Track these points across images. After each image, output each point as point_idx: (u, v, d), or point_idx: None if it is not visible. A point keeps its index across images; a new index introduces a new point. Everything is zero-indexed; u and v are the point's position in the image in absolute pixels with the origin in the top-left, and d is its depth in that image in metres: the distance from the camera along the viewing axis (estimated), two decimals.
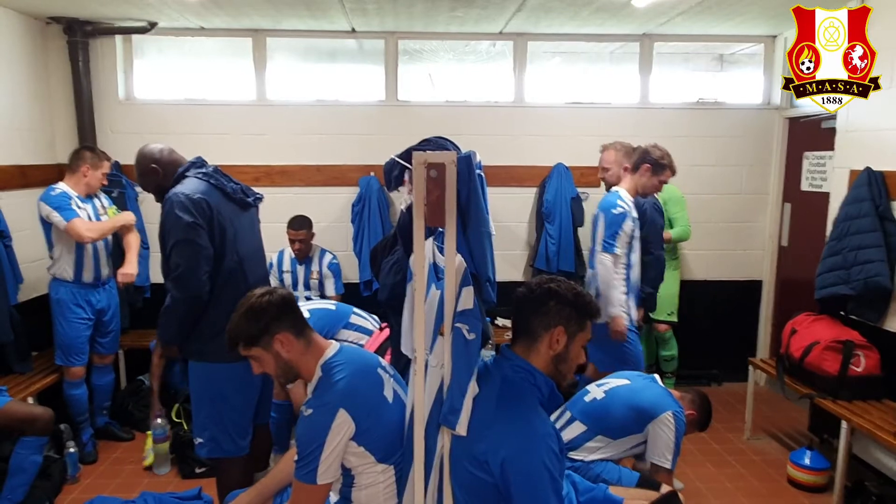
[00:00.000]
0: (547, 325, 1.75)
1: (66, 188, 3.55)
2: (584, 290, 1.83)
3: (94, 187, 3.64)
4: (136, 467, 3.63)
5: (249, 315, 1.91)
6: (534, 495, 1.63)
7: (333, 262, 4.38)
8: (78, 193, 3.58)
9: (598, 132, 4.63)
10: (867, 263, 3.29)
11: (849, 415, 3.13)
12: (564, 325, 1.75)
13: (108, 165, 3.66)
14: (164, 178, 2.63)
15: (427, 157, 1.60)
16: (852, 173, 3.59)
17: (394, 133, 4.46)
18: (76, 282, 3.58)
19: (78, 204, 3.55)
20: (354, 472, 1.88)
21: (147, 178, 2.68)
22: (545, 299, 1.76)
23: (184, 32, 4.51)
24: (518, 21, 4.22)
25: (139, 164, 2.69)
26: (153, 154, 2.67)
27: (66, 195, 3.50)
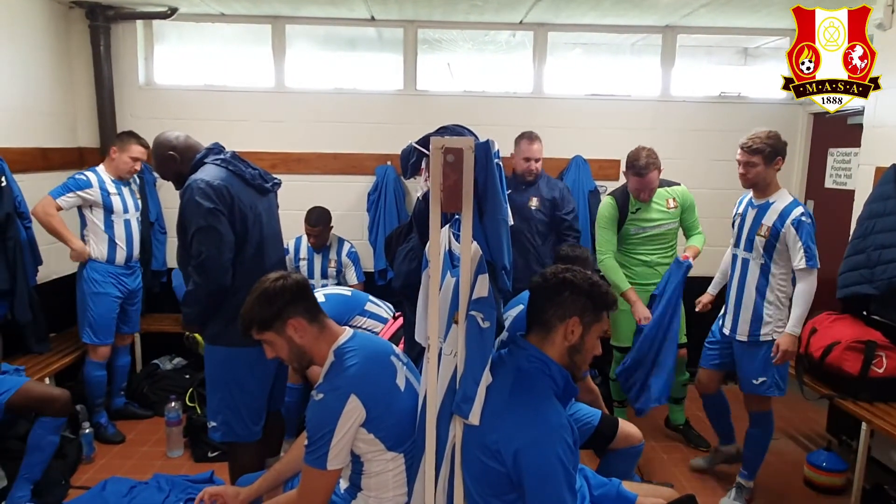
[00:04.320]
0: (562, 316, 1.73)
1: (99, 172, 3.66)
2: (600, 280, 1.80)
3: (123, 170, 3.68)
4: (151, 449, 3.67)
5: (263, 299, 1.90)
6: (546, 487, 1.61)
7: (352, 250, 4.39)
8: (112, 176, 3.68)
9: (617, 125, 4.59)
10: (891, 263, 3.22)
11: (869, 416, 3.06)
12: (580, 315, 1.73)
13: (138, 150, 3.69)
14: (181, 165, 2.64)
15: (445, 143, 1.58)
16: (878, 170, 3.51)
17: (411, 122, 4.44)
18: (109, 262, 3.66)
19: (110, 190, 3.65)
20: (364, 458, 1.87)
21: (165, 166, 2.69)
22: (560, 289, 1.73)
23: (204, 18, 4.52)
24: (538, 11, 4.17)
25: (156, 152, 2.70)
26: (170, 141, 2.67)
27: (84, 182, 3.57)
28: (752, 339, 3.06)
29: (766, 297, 3.01)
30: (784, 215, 2.93)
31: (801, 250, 2.90)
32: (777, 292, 3.01)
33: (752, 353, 3.08)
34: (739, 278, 3.10)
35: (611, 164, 4.64)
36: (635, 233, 3.65)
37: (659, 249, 3.68)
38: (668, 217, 3.64)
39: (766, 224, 2.97)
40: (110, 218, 3.63)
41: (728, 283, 3.25)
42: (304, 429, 1.88)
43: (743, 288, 3.08)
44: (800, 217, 2.90)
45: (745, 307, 3.07)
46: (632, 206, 3.62)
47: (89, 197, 3.57)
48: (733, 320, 3.14)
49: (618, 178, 4.66)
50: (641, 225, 3.63)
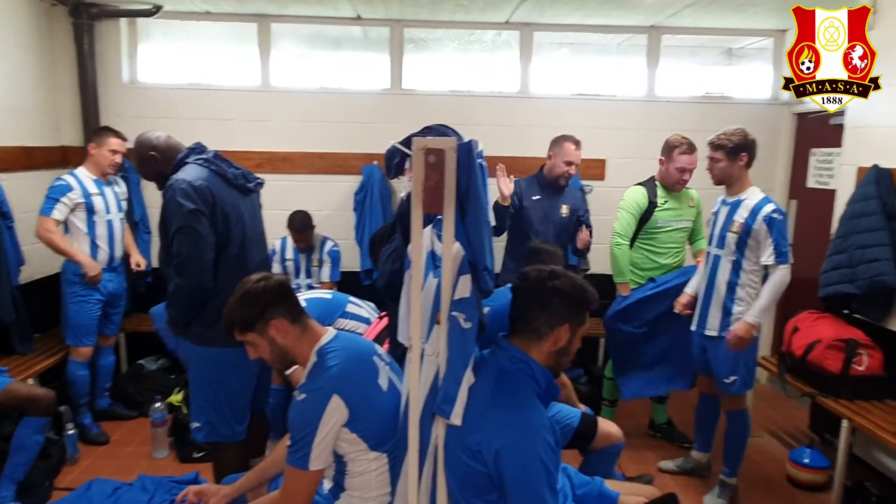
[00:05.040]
0: (553, 325, 1.74)
1: (80, 174, 3.62)
2: (582, 281, 1.81)
3: (104, 165, 3.64)
4: (136, 450, 3.65)
5: (245, 300, 1.90)
6: (528, 488, 1.62)
7: (334, 248, 4.38)
8: (95, 176, 3.64)
9: (603, 124, 4.61)
10: (873, 262, 3.26)
11: (850, 414, 3.10)
12: (570, 321, 1.74)
13: (115, 142, 3.65)
14: (163, 165, 2.63)
15: (427, 143, 1.58)
16: (860, 171, 3.55)
17: (397, 122, 4.44)
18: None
19: (91, 191, 3.59)
20: (347, 458, 1.88)
21: (146, 166, 2.69)
22: (549, 297, 1.74)
23: (189, 16, 4.49)
24: (524, 11, 4.19)
25: (138, 152, 2.69)
26: (151, 141, 2.66)
27: (65, 187, 3.52)
28: (721, 333, 3.08)
29: (737, 294, 3.03)
30: (755, 211, 2.96)
31: (771, 246, 2.92)
32: (748, 288, 3.03)
33: (722, 349, 3.09)
34: (710, 274, 3.13)
35: (597, 164, 4.66)
36: (662, 225, 3.65)
37: (673, 249, 3.70)
38: (690, 215, 3.70)
39: (738, 220, 3.00)
40: (92, 219, 3.60)
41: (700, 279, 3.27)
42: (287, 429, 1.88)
43: (713, 284, 3.10)
44: (771, 214, 2.92)
45: (714, 303, 3.10)
46: (660, 199, 3.63)
47: (74, 200, 3.54)
48: (701, 315, 3.17)
49: (603, 178, 4.69)
50: (668, 218, 3.64)
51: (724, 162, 3.02)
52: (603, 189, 4.65)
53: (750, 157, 3.03)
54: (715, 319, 3.11)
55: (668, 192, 3.67)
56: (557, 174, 3.75)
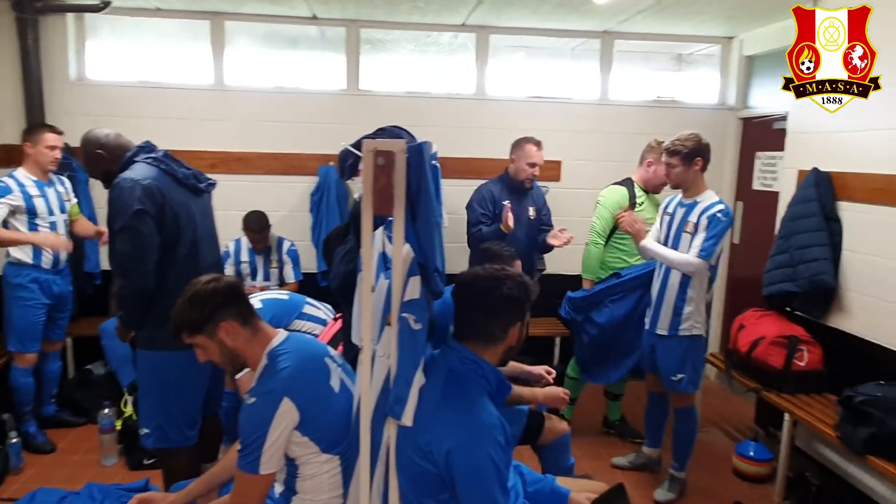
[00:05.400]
0: (505, 329, 1.78)
1: (20, 175, 3.50)
2: (525, 278, 1.85)
3: (44, 163, 3.53)
4: (83, 458, 3.55)
5: (194, 302, 1.87)
6: (478, 487, 1.64)
7: (292, 248, 4.36)
8: (35, 177, 3.52)
9: (557, 127, 4.68)
10: (812, 262, 3.39)
11: (792, 408, 3.23)
12: (520, 319, 1.80)
13: (53, 138, 3.54)
14: (110, 164, 2.56)
15: (376, 145, 1.59)
16: (800, 173, 3.69)
17: (354, 122, 4.37)
18: (35, 266, 3.49)
19: (32, 192, 3.47)
20: (298, 461, 1.87)
21: (93, 164, 2.62)
22: (499, 306, 1.77)
23: (139, 12, 4.39)
24: (480, 13, 4.22)
25: (84, 150, 2.62)
26: (98, 139, 2.60)
27: (3, 189, 3.40)
28: (671, 332, 3.16)
29: (687, 294, 3.11)
30: (705, 212, 3.05)
31: (700, 239, 3.01)
32: (698, 288, 3.11)
33: (670, 348, 3.18)
34: (663, 274, 3.21)
35: (553, 166, 4.72)
36: None
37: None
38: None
39: (692, 221, 3.09)
40: (34, 221, 3.47)
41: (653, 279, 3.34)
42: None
43: (666, 283, 3.18)
44: (716, 213, 3.01)
45: (666, 302, 3.17)
46: (638, 199, 3.69)
47: (14, 203, 3.41)
48: (654, 314, 3.25)
49: (559, 179, 4.76)
50: (644, 220, 3.64)
51: (680, 167, 3.10)
52: (559, 190, 4.72)
53: (704, 161, 3.11)
54: (666, 319, 3.18)
55: (645, 195, 3.75)
56: (522, 178, 3.78)
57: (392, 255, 1.71)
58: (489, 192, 3.80)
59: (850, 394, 2.87)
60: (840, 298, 3.42)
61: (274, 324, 3.21)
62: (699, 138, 3.10)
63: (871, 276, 3.24)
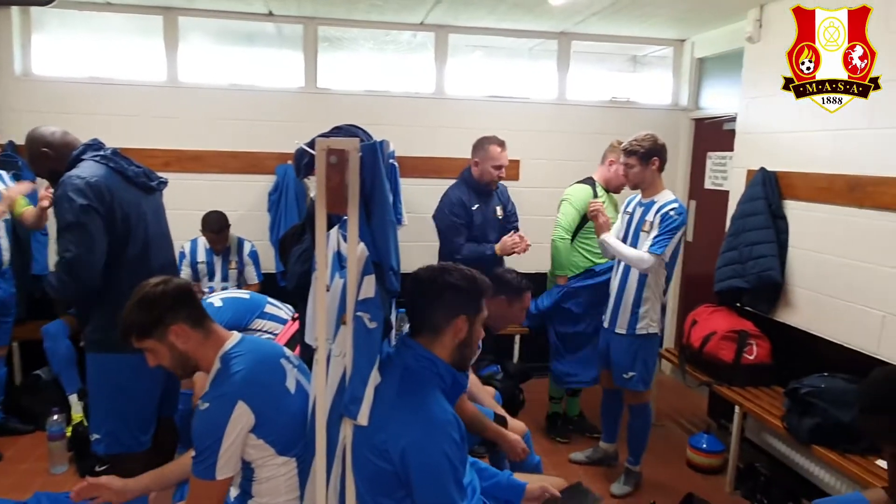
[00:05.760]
0: (448, 318, 1.76)
1: None
2: (473, 272, 1.85)
3: None
4: (32, 466, 3.43)
5: (142, 305, 1.83)
6: (434, 484, 1.64)
7: (253, 249, 4.31)
8: None
9: (515, 126, 4.72)
10: (760, 258, 3.50)
11: (742, 400, 3.33)
12: (465, 312, 1.77)
13: None
14: (56, 163, 2.49)
15: (329, 143, 1.58)
16: (749, 173, 3.81)
17: (313, 120, 4.34)
18: None
19: None
20: (254, 465, 1.84)
21: (38, 163, 2.54)
22: (441, 292, 1.77)
23: (88, 6, 4.26)
24: (438, 13, 4.23)
25: (29, 148, 2.54)
26: (44, 137, 2.52)
27: None
28: (629, 332, 3.22)
29: (644, 293, 3.17)
30: (660, 210, 3.12)
31: (652, 236, 3.07)
32: (654, 287, 3.18)
33: (625, 346, 3.24)
34: (622, 273, 3.27)
35: (511, 165, 4.71)
36: None
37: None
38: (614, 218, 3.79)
39: (649, 220, 3.15)
40: None
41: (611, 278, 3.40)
42: None
43: (625, 282, 3.24)
44: (668, 211, 3.07)
45: (625, 301, 3.23)
46: (599, 199, 3.69)
47: None
48: (612, 313, 3.30)
49: (518, 178, 4.80)
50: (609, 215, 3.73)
51: (638, 167, 3.15)
52: (517, 189, 4.73)
53: (661, 160, 3.17)
54: (624, 318, 3.23)
55: (606, 194, 3.80)
56: (487, 180, 3.66)
57: (347, 254, 1.70)
58: (458, 197, 3.65)
59: (795, 385, 2.97)
60: (786, 294, 3.54)
61: (234, 322, 3.19)
62: (655, 139, 3.16)
63: (815, 271, 3.37)
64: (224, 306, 3.20)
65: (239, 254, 4.25)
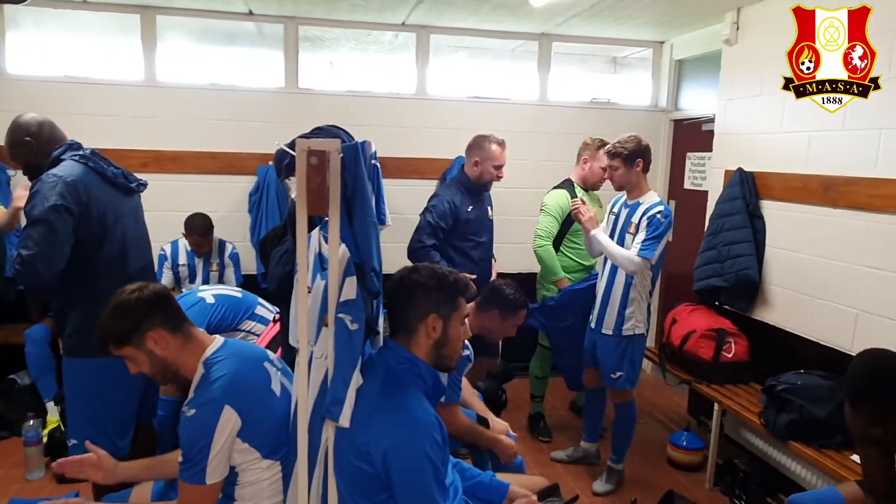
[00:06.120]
0: (420, 316, 1.77)
1: None
2: (446, 270, 1.85)
3: None
4: (6, 472, 3.37)
5: (117, 312, 1.81)
6: (416, 485, 1.64)
7: (234, 251, 4.28)
8: None
9: (497, 127, 4.69)
10: (738, 258, 3.55)
11: (720, 397, 3.37)
12: (436, 311, 1.77)
13: None
14: (36, 156, 2.44)
15: (309, 144, 1.57)
16: (727, 173, 3.86)
17: (294, 121, 4.29)
18: None
19: None
20: (239, 468, 1.82)
21: (18, 151, 2.48)
22: (411, 291, 1.78)
23: (63, 4, 4.20)
24: (420, 13, 4.23)
25: (12, 134, 2.48)
26: (30, 127, 2.46)
27: None
28: (615, 332, 3.24)
29: (630, 294, 3.19)
30: (646, 213, 3.14)
31: (641, 240, 3.08)
32: (640, 289, 3.20)
33: (612, 346, 3.26)
34: (609, 275, 3.28)
35: None
36: None
37: None
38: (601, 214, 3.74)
39: (634, 222, 3.17)
40: None
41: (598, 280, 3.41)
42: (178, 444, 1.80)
43: (612, 283, 3.25)
44: (655, 213, 3.09)
45: (611, 303, 3.24)
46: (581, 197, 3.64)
47: None
48: (599, 315, 3.31)
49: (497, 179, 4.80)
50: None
51: (622, 169, 3.17)
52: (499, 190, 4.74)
53: (645, 162, 3.19)
54: (611, 318, 3.24)
55: (586, 193, 3.80)
56: (486, 180, 3.55)
57: (328, 256, 1.70)
58: (450, 202, 3.47)
59: (772, 383, 3.02)
60: (763, 292, 3.60)
61: (225, 320, 3.17)
62: (639, 140, 3.17)
63: (791, 270, 3.42)
64: (216, 303, 3.17)
65: (220, 256, 4.21)
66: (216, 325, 3.13)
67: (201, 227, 4.01)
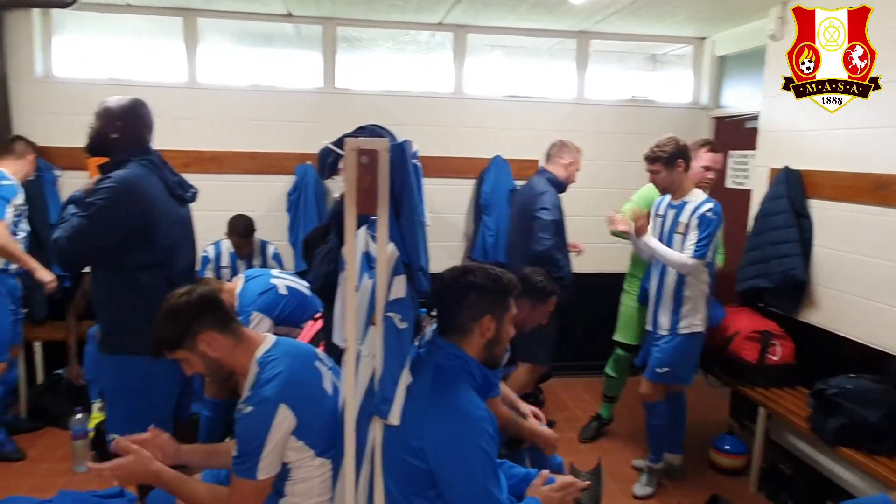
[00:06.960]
0: (474, 317, 1.78)
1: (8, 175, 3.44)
2: (498, 271, 1.85)
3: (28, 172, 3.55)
4: (54, 466, 3.46)
5: (168, 317, 1.85)
6: (471, 479, 1.65)
7: (276, 252, 4.30)
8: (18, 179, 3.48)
9: (535, 126, 4.70)
10: (784, 258, 3.47)
11: (766, 401, 3.29)
12: (491, 312, 1.78)
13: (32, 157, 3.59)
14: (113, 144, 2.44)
15: (359, 144, 1.58)
16: (772, 171, 3.77)
17: (331, 121, 4.39)
18: (4, 271, 3.40)
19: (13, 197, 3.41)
20: (292, 465, 1.84)
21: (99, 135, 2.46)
22: (466, 292, 1.78)
23: (108, 8, 4.29)
24: (457, 12, 4.23)
25: (104, 115, 2.47)
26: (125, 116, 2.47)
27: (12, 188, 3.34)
28: (671, 332, 3.18)
29: (684, 293, 3.14)
30: (695, 211, 3.08)
31: (694, 240, 3.03)
32: (694, 288, 3.14)
33: (667, 344, 3.19)
34: (660, 276, 3.23)
35: (530, 164, 4.72)
36: None
37: None
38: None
39: (682, 222, 3.12)
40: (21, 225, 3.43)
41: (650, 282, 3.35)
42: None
43: (663, 285, 3.20)
44: (705, 212, 3.04)
45: (664, 303, 3.19)
46: None
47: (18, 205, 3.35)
48: (653, 315, 3.26)
49: None
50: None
51: (664, 172, 3.12)
52: None
53: (686, 161, 3.13)
54: (664, 319, 3.20)
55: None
56: (572, 182, 3.77)
57: (375, 255, 1.70)
58: (556, 199, 3.62)
59: (821, 386, 2.93)
60: (810, 293, 3.50)
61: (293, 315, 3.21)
62: (677, 141, 3.12)
63: (839, 271, 3.33)
64: (289, 295, 3.21)
65: (262, 256, 4.25)
66: (283, 319, 3.18)
67: (243, 228, 4.05)
